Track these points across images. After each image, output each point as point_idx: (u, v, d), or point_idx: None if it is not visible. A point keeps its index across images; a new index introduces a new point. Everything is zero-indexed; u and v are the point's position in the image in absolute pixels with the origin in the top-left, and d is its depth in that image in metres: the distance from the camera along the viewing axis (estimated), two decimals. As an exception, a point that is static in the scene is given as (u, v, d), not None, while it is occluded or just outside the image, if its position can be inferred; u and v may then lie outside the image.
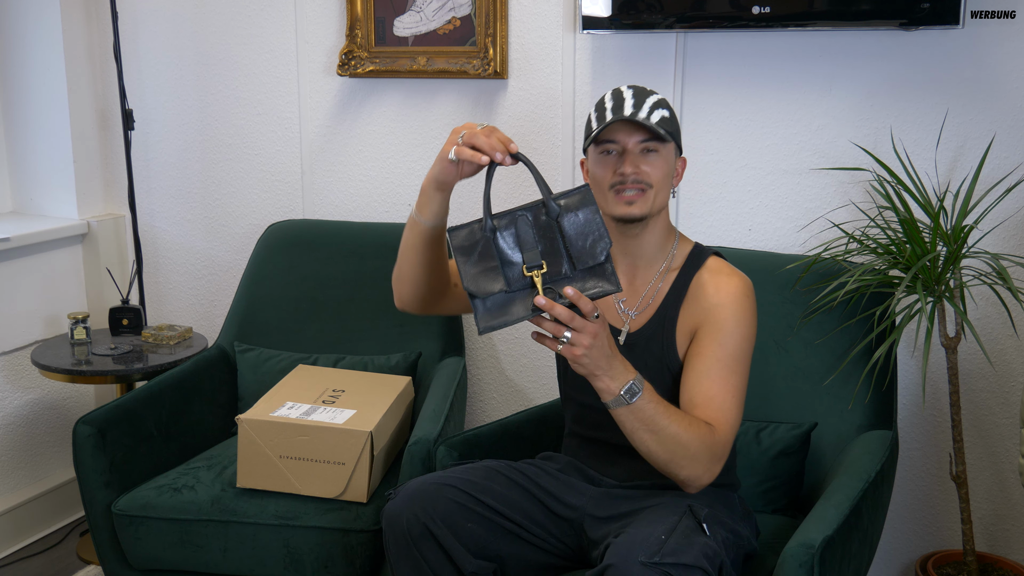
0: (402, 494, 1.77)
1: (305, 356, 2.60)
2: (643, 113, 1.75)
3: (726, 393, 1.73)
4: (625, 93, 1.80)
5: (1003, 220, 2.27)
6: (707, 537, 1.63)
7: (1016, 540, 2.39)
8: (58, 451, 2.99)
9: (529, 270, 1.53)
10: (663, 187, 1.79)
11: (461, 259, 1.55)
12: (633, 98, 1.78)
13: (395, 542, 1.74)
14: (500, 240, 1.55)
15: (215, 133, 2.97)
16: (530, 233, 1.55)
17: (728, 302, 1.78)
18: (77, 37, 2.93)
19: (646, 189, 1.76)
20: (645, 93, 1.80)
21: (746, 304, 1.79)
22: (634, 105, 1.76)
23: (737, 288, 1.80)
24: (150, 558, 2.19)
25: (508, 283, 1.53)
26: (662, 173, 1.78)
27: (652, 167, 1.76)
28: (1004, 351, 2.33)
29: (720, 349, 1.75)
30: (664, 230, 1.86)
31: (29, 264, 2.87)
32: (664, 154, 1.78)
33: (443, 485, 1.77)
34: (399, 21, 2.70)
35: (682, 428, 1.64)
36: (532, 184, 2.67)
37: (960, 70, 2.25)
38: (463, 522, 1.75)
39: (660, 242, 1.85)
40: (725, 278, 1.82)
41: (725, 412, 1.72)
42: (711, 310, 1.78)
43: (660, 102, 1.79)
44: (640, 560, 1.53)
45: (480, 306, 1.54)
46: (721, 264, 1.86)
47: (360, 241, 2.70)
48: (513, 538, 1.80)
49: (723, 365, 1.74)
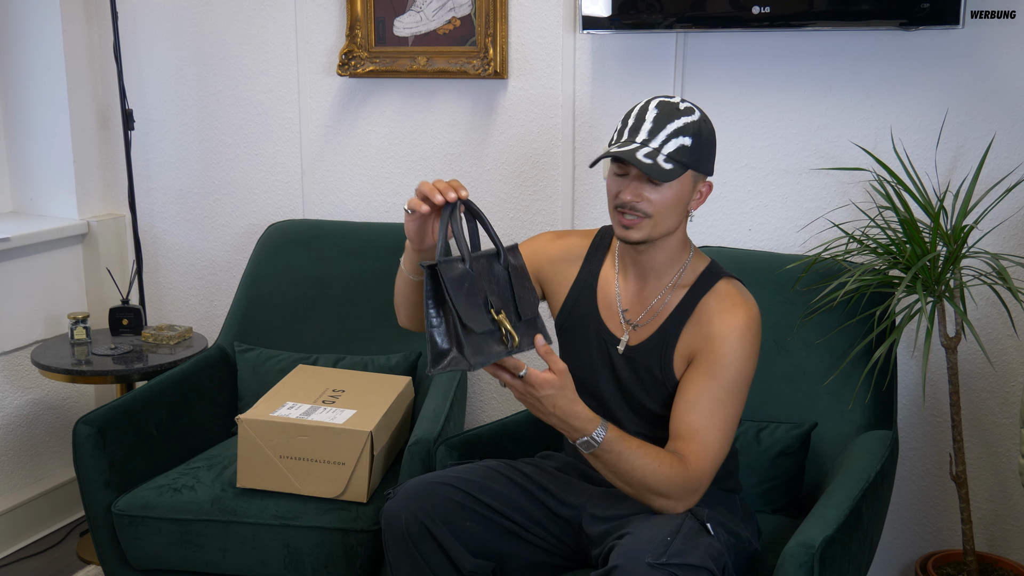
0: (401, 493, 1.77)
1: (305, 356, 2.60)
2: (656, 142, 1.69)
3: (710, 428, 1.69)
4: (648, 114, 1.72)
5: (1003, 220, 2.27)
6: (711, 538, 1.64)
7: (1016, 540, 2.39)
8: (58, 451, 2.99)
9: (497, 312, 1.57)
10: (667, 215, 1.72)
11: (454, 293, 1.53)
12: (653, 122, 1.70)
13: (394, 541, 1.75)
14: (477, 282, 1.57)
15: (215, 133, 2.97)
16: (491, 279, 1.59)
17: (728, 333, 1.73)
18: (77, 37, 2.93)
19: (644, 218, 1.72)
20: (671, 116, 1.71)
21: (748, 337, 1.74)
22: (649, 132, 1.70)
23: (741, 321, 1.74)
24: (150, 558, 2.19)
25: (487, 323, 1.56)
26: (667, 203, 1.71)
27: (654, 195, 1.70)
28: (1004, 351, 2.33)
29: (713, 382, 1.71)
30: (675, 248, 1.81)
31: (29, 264, 2.87)
32: (674, 184, 1.71)
33: (441, 484, 1.78)
34: (399, 21, 2.70)
35: (650, 470, 1.63)
36: (532, 183, 2.67)
37: (960, 70, 2.25)
38: (462, 521, 1.75)
39: (670, 259, 1.81)
40: (731, 307, 1.76)
41: (706, 447, 1.68)
42: (711, 339, 1.74)
43: (684, 128, 1.70)
44: (647, 561, 1.53)
45: (471, 340, 1.53)
46: (731, 290, 1.79)
47: (360, 241, 2.70)
48: (512, 537, 1.80)
49: (714, 398, 1.71)
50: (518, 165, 2.67)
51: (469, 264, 1.56)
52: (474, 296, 1.54)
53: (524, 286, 1.63)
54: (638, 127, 1.71)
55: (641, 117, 1.72)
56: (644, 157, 1.67)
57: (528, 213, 2.69)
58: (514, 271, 1.63)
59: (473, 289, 1.55)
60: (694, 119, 1.72)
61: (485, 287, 1.57)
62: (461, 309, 1.51)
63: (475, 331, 1.52)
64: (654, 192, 1.70)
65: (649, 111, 1.72)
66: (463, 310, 1.52)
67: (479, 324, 1.53)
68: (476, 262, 1.57)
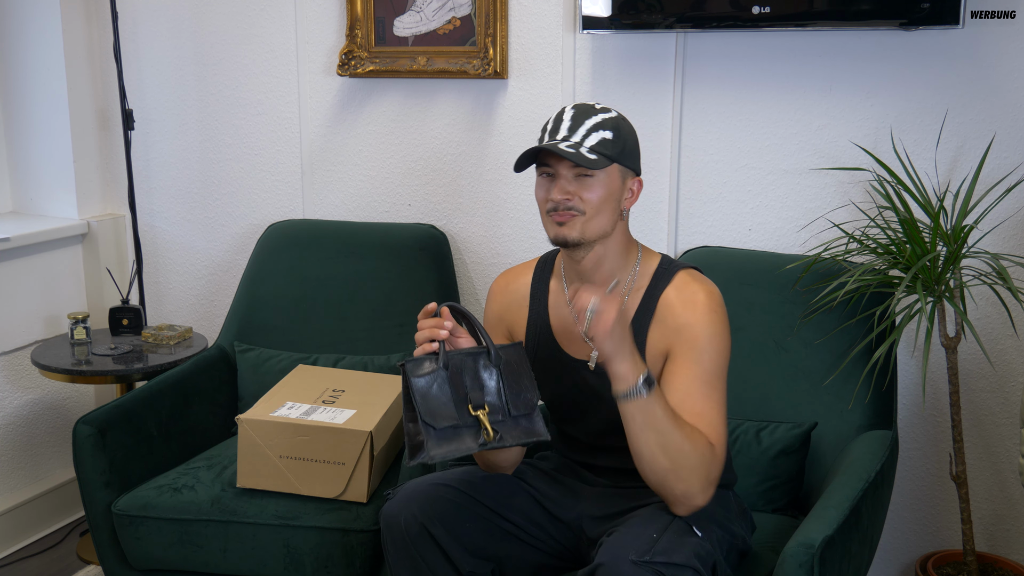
0: (400, 495, 1.77)
1: (305, 356, 2.60)
2: (577, 137, 1.69)
3: (712, 410, 1.68)
4: (565, 114, 1.73)
5: (1003, 220, 2.27)
6: (698, 537, 1.63)
7: (1016, 540, 2.39)
8: (58, 451, 2.99)
9: (475, 409, 1.64)
10: (600, 211, 1.70)
11: (419, 392, 1.62)
12: (571, 120, 1.71)
13: (393, 542, 1.75)
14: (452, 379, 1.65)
15: (215, 133, 2.97)
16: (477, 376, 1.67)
17: (697, 319, 1.72)
18: (77, 37, 2.93)
19: (577, 215, 1.69)
20: (588, 114, 1.72)
21: (716, 318, 1.73)
22: (569, 128, 1.70)
23: (705, 303, 1.73)
24: (150, 558, 2.19)
25: (459, 417, 1.63)
26: (598, 198, 1.69)
27: (587, 191, 1.69)
28: (1004, 351, 2.33)
29: (697, 367, 1.70)
30: (619, 251, 1.78)
31: (29, 264, 2.87)
32: (602, 178, 1.69)
33: (441, 485, 1.78)
34: (399, 21, 2.70)
35: (687, 436, 1.61)
36: (530, 183, 2.67)
37: (960, 70, 2.25)
38: (461, 522, 1.75)
39: (617, 263, 1.78)
40: (692, 293, 1.75)
41: (716, 428, 1.67)
42: (682, 330, 1.72)
43: (603, 123, 1.71)
44: (631, 559, 1.53)
45: (432, 434, 1.61)
46: (687, 279, 1.77)
47: (360, 241, 2.70)
48: (511, 539, 1.80)
49: (703, 382, 1.69)
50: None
51: (443, 362, 1.64)
52: (445, 393, 1.63)
53: (519, 383, 1.68)
54: (557, 128, 1.72)
55: (559, 119, 1.73)
56: (567, 147, 1.67)
57: (528, 213, 2.69)
58: (506, 368, 1.68)
59: (445, 387, 1.64)
60: (611, 115, 1.73)
61: (467, 383, 1.66)
62: (421, 406, 1.61)
63: (434, 427, 1.61)
64: (583, 189, 1.69)
65: (566, 112, 1.74)
66: (424, 408, 1.61)
67: (442, 420, 1.61)
68: (454, 359, 1.65)
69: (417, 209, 2.80)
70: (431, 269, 2.64)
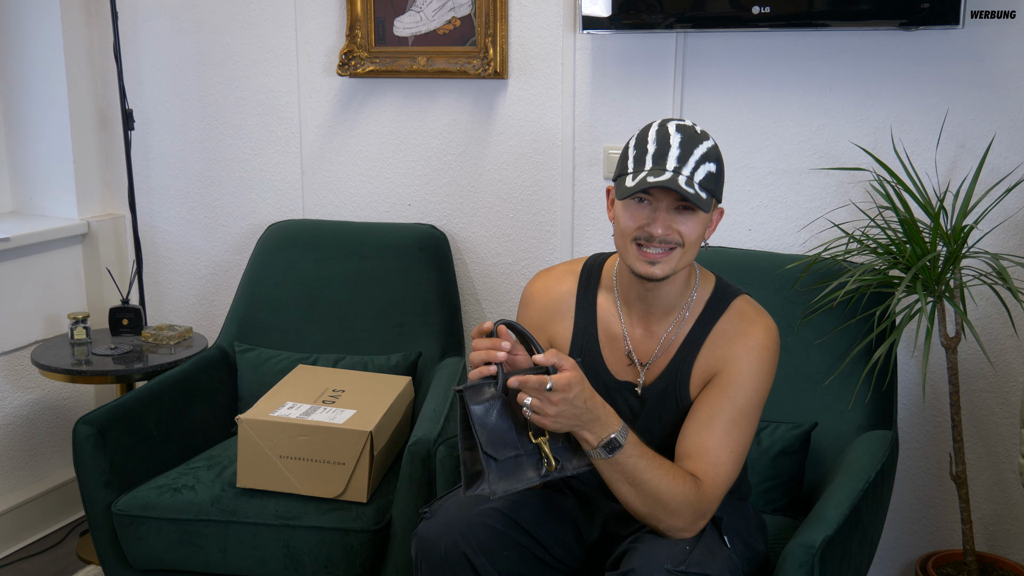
0: (442, 519, 1.68)
1: (305, 356, 2.60)
2: (687, 170, 1.58)
3: (722, 448, 1.63)
4: (672, 139, 1.60)
5: (1003, 220, 2.27)
6: (729, 550, 1.62)
7: (1016, 540, 2.39)
8: (58, 451, 2.99)
9: (536, 436, 1.56)
10: (694, 247, 1.64)
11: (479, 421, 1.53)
12: (680, 148, 1.59)
13: (429, 565, 1.67)
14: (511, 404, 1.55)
15: (215, 133, 2.97)
16: None
17: (746, 354, 1.67)
18: (77, 37, 2.93)
19: (675, 248, 1.62)
20: (694, 141, 1.61)
21: (765, 357, 1.68)
22: (679, 159, 1.58)
23: (758, 340, 1.68)
24: (150, 558, 2.19)
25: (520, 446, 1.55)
26: (696, 233, 1.62)
27: (686, 226, 1.61)
28: (1004, 351, 2.33)
29: (728, 402, 1.65)
30: (684, 278, 1.71)
31: (29, 264, 2.87)
32: (701, 214, 1.61)
33: (483, 510, 1.70)
34: (399, 21, 2.70)
35: (664, 483, 1.56)
36: (530, 183, 2.67)
37: (960, 70, 2.25)
38: (501, 549, 1.68)
39: (679, 292, 1.72)
40: (747, 326, 1.70)
41: (717, 467, 1.62)
42: (728, 360, 1.68)
43: (708, 154, 1.61)
44: (667, 567, 1.51)
45: (493, 467, 1.53)
46: (745, 308, 1.72)
47: (360, 241, 2.70)
48: (537, 563, 1.74)
49: (728, 418, 1.64)
50: (518, 165, 2.67)
51: (502, 387, 1.53)
52: (505, 421, 1.54)
53: None
54: (664, 153, 1.59)
55: (665, 144, 1.60)
56: (686, 186, 1.56)
57: (528, 213, 2.69)
58: None
59: (505, 414, 1.54)
60: (712, 144, 1.64)
61: None
62: (482, 437, 1.52)
63: (496, 459, 1.53)
64: (681, 222, 1.60)
65: (672, 135, 1.61)
66: (485, 438, 1.52)
67: (504, 451, 1.53)
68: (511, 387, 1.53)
69: (417, 209, 2.80)
70: (431, 269, 2.64)
